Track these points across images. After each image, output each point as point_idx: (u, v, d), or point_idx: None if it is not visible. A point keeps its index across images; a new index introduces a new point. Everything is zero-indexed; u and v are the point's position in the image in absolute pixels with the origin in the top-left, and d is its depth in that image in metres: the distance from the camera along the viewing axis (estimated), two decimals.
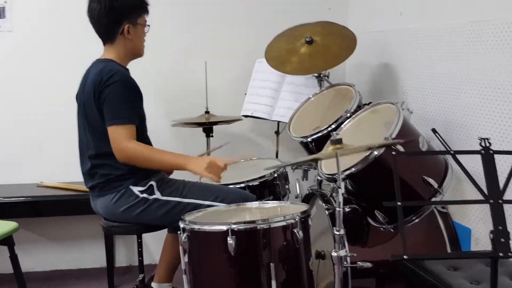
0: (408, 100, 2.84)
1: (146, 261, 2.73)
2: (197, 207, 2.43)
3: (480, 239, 2.39)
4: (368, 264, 2.20)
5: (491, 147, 1.60)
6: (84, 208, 2.88)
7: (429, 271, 1.98)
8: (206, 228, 2.07)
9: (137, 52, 2.57)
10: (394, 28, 3.10)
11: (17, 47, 3.35)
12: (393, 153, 1.61)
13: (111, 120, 2.35)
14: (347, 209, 2.46)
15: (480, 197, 1.54)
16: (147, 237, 3.23)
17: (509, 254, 1.42)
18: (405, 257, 1.41)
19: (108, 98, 2.35)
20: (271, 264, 1.98)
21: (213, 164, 2.35)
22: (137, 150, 2.36)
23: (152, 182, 2.44)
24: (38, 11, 3.34)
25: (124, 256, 3.62)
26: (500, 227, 1.43)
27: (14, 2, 3.30)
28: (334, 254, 1.97)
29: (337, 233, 1.97)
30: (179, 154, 2.44)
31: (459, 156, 1.68)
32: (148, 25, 2.56)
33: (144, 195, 2.43)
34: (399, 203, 1.51)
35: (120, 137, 2.34)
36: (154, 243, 3.42)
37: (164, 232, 2.78)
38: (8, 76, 3.35)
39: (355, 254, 2.05)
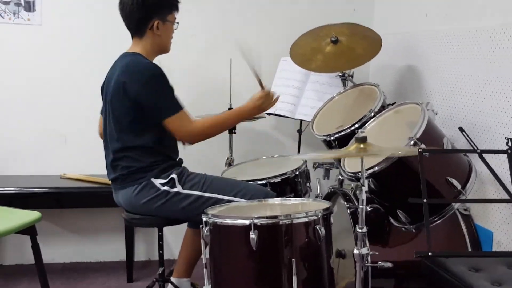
0: (432, 101, 2.83)
1: (165, 256, 2.75)
2: (217, 201, 2.44)
3: (502, 242, 2.37)
4: (389, 264, 2.20)
5: None
6: (105, 201, 2.93)
7: (450, 272, 1.97)
8: (229, 222, 2.08)
9: (163, 48, 2.60)
10: (419, 29, 3.09)
11: (46, 40, 3.39)
12: (419, 150, 1.61)
13: (164, 114, 2.41)
14: (369, 208, 2.46)
15: (505, 197, 1.53)
16: (167, 232, 3.25)
17: None
18: (429, 254, 1.41)
19: (151, 96, 2.39)
20: (292, 260, 1.99)
21: (263, 100, 2.60)
22: (203, 126, 2.53)
23: (174, 176, 2.47)
24: (67, 5, 3.39)
25: (144, 250, 3.66)
26: None
27: None
28: (356, 251, 1.97)
29: (360, 230, 1.97)
30: (240, 114, 2.66)
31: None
32: (177, 23, 2.59)
33: (166, 187, 2.45)
34: (424, 200, 1.51)
35: (181, 125, 2.44)
36: (174, 238, 3.45)
37: (183, 227, 2.81)
38: (36, 69, 3.40)
39: (377, 253, 2.05)
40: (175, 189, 2.46)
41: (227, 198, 2.47)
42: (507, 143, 1.60)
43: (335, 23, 3.02)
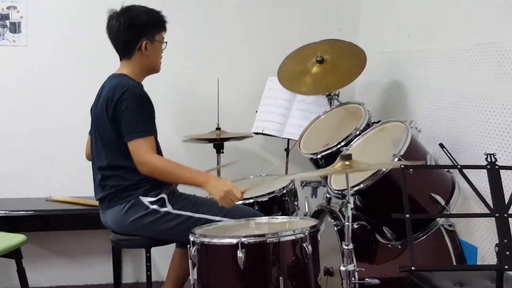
0: (416, 119, 2.87)
1: (153, 278, 2.73)
2: (207, 222, 2.45)
3: (486, 257, 2.40)
4: (376, 281, 2.22)
5: (497, 163, 1.63)
6: (92, 223, 2.91)
7: (435, 287, 1.99)
8: (216, 241, 2.10)
9: (153, 68, 2.62)
10: (402, 49, 3.15)
11: (32, 61, 3.39)
12: (401, 166, 1.64)
13: (131, 135, 2.39)
14: (355, 226, 2.48)
15: (486, 212, 1.56)
16: (154, 253, 3.23)
17: None
18: (412, 268, 1.43)
19: (125, 114, 2.39)
20: (280, 278, 2.00)
21: (230, 193, 2.33)
22: (159, 164, 2.40)
23: (164, 195, 2.47)
24: (53, 26, 3.40)
25: (131, 272, 3.63)
26: (506, 240, 1.45)
27: (30, 17, 3.36)
28: (342, 268, 1.98)
29: (346, 247, 1.99)
30: (198, 172, 2.44)
31: (465, 173, 1.71)
32: (166, 42, 2.62)
33: (155, 206, 2.45)
34: (407, 215, 1.53)
35: (141, 151, 2.38)
36: (162, 259, 3.42)
37: (171, 248, 2.80)
38: (22, 89, 3.40)
39: (363, 269, 2.06)
40: (165, 209, 2.46)
41: (217, 218, 2.47)
42: (486, 159, 1.63)
43: (316, 41, 3.05)
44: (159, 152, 2.57)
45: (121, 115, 2.40)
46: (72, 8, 3.41)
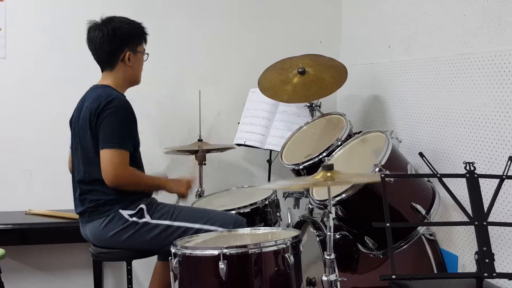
0: (397, 130, 2.90)
1: None
2: (187, 230, 2.44)
3: (467, 265, 2.42)
4: None
5: (476, 171, 1.65)
6: (72, 236, 2.88)
7: None
8: (198, 252, 2.09)
9: (135, 79, 2.62)
10: (383, 60, 3.19)
11: (10, 73, 3.36)
12: (382, 175, 1.65)
13: (105, 144, 2.37)
14: (337, 236, 2.48)
15: (466, 220, 1.57)
16: (136, 266, 3.22)
17: (494, 274, 1.45)
18: (393, 277, 1.43)
19: (105, 123, 2.38)
20: None
21: (184, 184, 2.68)
22: (127, 178, 2.42)
23: (142, 206, 2.46)
24: (32, 38, 3.38)
25: (113, 285, 3.59)
26: (485, 248, 1.46)
27: (8, 29, 3.34)
28: (324, 278, 1.98)
29: (328, 257, 1.99)
30: (156, 179, 2.65)
31: (445, 182, 1.73)
32: (147, 54, 2.62)
33: (134, 218, 2.44)
34: (388, 224, 1.54)
35: (110, 162, 2.36)
36: (143, 272, 3.40)
37: (153, 261, 2.79)
38: (0, 102, 3.36)
39: (345, 279, 2.06)
40: (143, 220, 2.45)
41: (197, 226, 2.46)
42: (465, 167, 1.65)
43: (297, 55, 3.06)
44: (139, 163, 2.56)
45: (101, 124, 2.38)
46: (50, 19, 3.39)
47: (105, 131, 2.38)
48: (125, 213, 2.44)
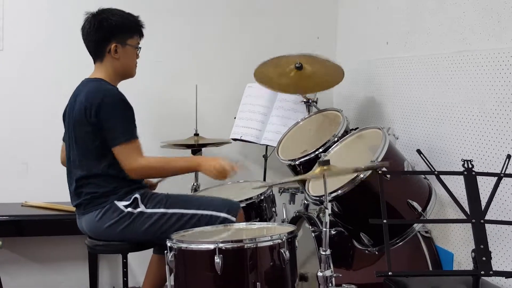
0: (394, 126, 2.90)
1: (130, 284, 2.71)
2: (182, 216, 2.44)
3: (462, 263, 2.42)
4: (353, 287, 2.21)
5: (474, 169, 1.64)
6: (68, 228, 2.88)
7: None
8: (193, 246, 2.08)
9: (126, 73, 2.60)
10: (380, 57, 3.18)
11: (8, 65, 3.35)
12: (379, 172, 1.65)
13: (116, 140, 2.38)
14: (333, 232, 2.49)
15: (463, 218, 1.57)
16: (131, 259, 3.21)
17: (491, 272, 1.45)
18: (389, 273, 1.43)
19: (108, 120, 2.38)
20: (257, 283, 2.00)
21: (223, 168, 2.44)
22: (149, 165, 2.44)
23: (137, 195, 2.45)
24: (29, 30, 3.36)
25: (108, 278, 3.59)
26: (482, 246, 1.46)
27: (6, 21, 3.32)
28: (319, 274, 1.98)
29: (323, 253, 1.99)
30: (189, 158, 2.58)
31: (443, 179, 1.73)
32: (140, 47, 2.60)
33: (129, 209, 2.43)
34: (384, 221, 1.54)
35: (129, 156, 2.38)
36: (139, 265, 3.39)
37: (148, 254, 2.78)
38: None
39: (340, 275, 2.06)
40: (138, 209, 2.44)
41: (191, 212, 2.46)
42: (463, 165, 1.65)
43: (293, 54, 3.03)
44: None
45: (104, 121, 2.38)
46: (49, 11, 3.38)
47: (111, 129, 2.38)
48: (120, 204, 2.43)
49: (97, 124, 2.39)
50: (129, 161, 2.39)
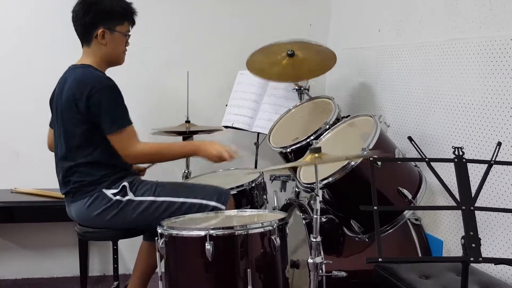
0: (385, 114, 2.90)
1: (120, 271, 2.71)
2: (171, 205, 2.44)
3: (452, 250, 2.44)
4: (343, 274, 2.23)
5: (464, 156, 1.65)
6: (58, 215, 2.88)
7: (401, 279, 2.02)
8: (184, 233, 2.08)
9: (114, 59, 2.55)
10: (372, 44, 3.18)
11: None
12: (370, 158, 1.65)
13: (111, 127, 2.36)
14: (323, 219, 2.50)
15: (453, 205, 1.58)
16: (122, 246, 3.21)
17: (480, 259, 1.46)
18: (380, 259, 1.44)
19: (100, 107, 2.34)
20: (248, 270, 1.99)
21: (219, 154, 2.45)
22: (146, 151, 2.43)
23: (125, 183, 2.44)
24: (18, 13, 3.33)
25: (98, 264, 3.60)
26: (472, 233, 1.47)
27: None
28: (310, 261, 1.99)
29: (314, 240, 1.99)
30: (186, 143, 2.56)
31: (433, 167, 1.73)
32: (129, 35, 2.56)
33: (118, 197, 2.42)
34: (375, 207, 1.54)
35: (125, 142, 2.38)
36: (129, 252, 3.40)
37: (138, 241, 2.78)
38: None
39: (331, 262, 2.07)
40: (127, 197, 2.43)
41: (181, 200, 2.45)
42: (454, 152, 1.65)
43: (284, 41, 3.01)
44: None
45: (96, 110, 2.35)
46: None
47: (104, 116, 2.35)
48: (109, 192, 2.42)
49: (87, 113, 2.36)
50: (126, 148, 2.38)
